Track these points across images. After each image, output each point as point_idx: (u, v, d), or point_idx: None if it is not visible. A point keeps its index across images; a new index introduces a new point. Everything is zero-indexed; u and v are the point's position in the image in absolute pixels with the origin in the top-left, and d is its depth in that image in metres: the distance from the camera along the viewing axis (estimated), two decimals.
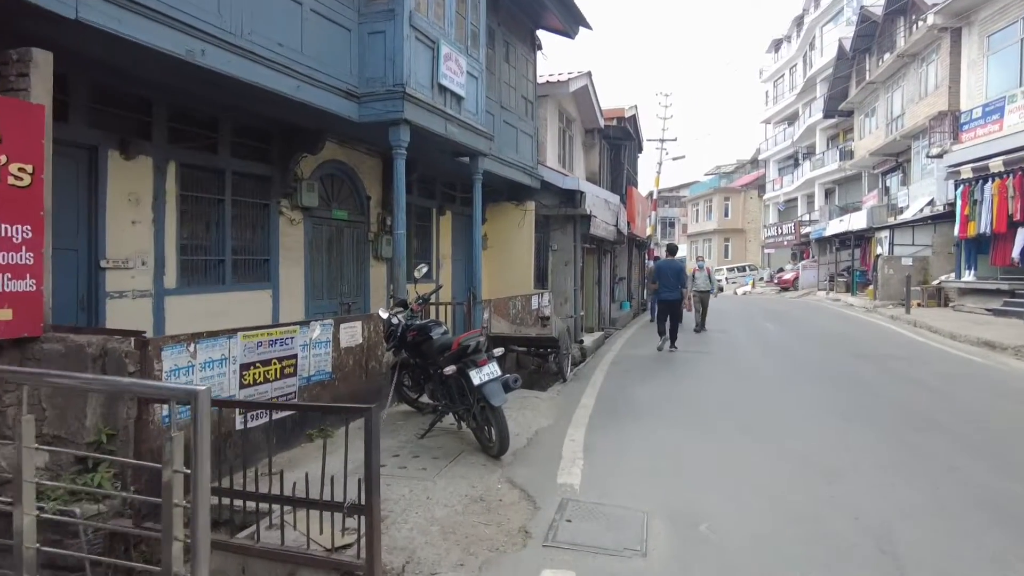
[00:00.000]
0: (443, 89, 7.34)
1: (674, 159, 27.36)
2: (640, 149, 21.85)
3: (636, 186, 19.76)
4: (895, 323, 16.25)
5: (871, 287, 21.13)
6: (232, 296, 6.62)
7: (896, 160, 26.22)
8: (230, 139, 6.68)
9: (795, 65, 43.05)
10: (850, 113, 31.10)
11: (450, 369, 4.73)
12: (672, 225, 64.53)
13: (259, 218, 7.08)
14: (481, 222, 8.62)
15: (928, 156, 19.51)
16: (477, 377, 4.65)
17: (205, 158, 6.41)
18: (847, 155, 30.90)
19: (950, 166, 18.31)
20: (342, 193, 8.46)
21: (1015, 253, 15.69)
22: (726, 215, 52.77)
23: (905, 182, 25.48)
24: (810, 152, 39.99)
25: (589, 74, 13.55)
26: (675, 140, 26.28)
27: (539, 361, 9.15)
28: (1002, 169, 16.16)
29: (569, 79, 12.84)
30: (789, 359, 10.70)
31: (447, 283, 10.77)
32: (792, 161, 44.74)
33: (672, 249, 13.04)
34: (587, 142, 15.72)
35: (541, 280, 12.31)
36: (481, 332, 5.08)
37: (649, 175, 60.27)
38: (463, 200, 11.30)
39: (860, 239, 24.21)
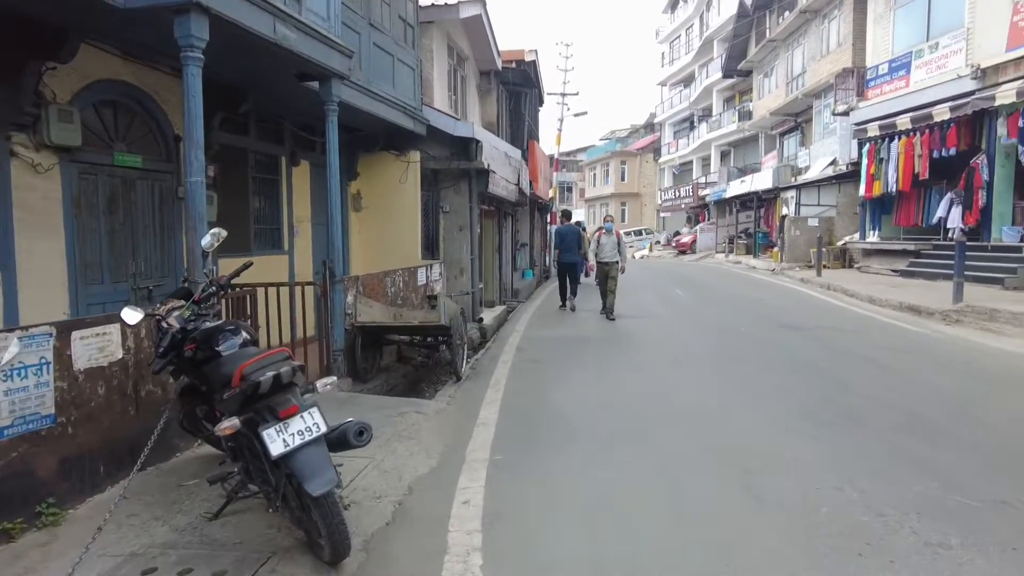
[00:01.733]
0: None
1: (576, 115, 25.68)
2: (541, 102, 19.94)
3: (538, 141, 17.87)
4: (808, 287, 15.52)
5: (776, 249, 20.61)
6: None
7: (795, 120, 25.95)
8: None
9: (691, 25, 42.54)
10: (749, 73, 30.71)
11: (228, 425, 2.58)
12: (570, 190, 63.78)
13: None
14: (339, 170, 6.34)
15: (833, 114, 18.94)
16: (277, 441, 2.54)
17: None
18: (745, 116, 30.58)
19: (856, 124, 17.76)
20: (133, 130, 5.90)
21: (934, 218, 15.24)
22: (623, 179, 52.40)
23: (804, 143, 25.26)
24: (706, 114, 39.81)
25: (483, 1, 11.34)
26: (576, 95, 24.56)
27: (428, 352, 7.10)
28: (909, 127, 15.62)
29: (459, 3, 10.58)
30: (718, 335, 9.27)
31: (306, 254, 8.42)
32: (688, 124, 44.62)
33: (567, 214, 14.28)
34: (483, 86, 13.57)
35: (431, 249, 10.20)
36: (290, 355, 2.90)
37: (550, 134, 58.90)
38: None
39: (763, 200, 23.76)
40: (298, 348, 5.97)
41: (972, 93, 13.69)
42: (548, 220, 22.52)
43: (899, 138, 16.07)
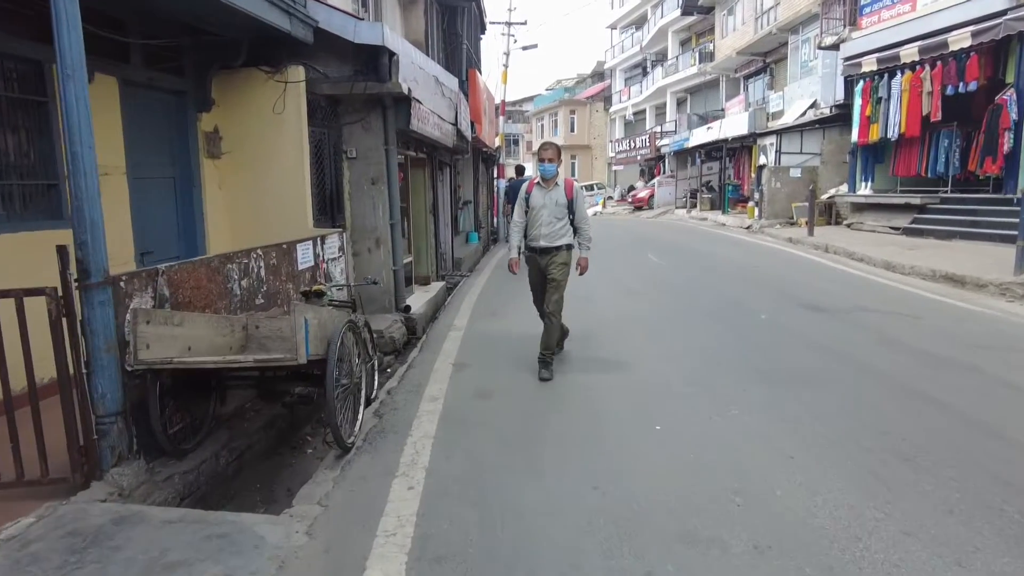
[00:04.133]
0: None
1: (525, 48, 22.16)
2: (483, 29, 16.72)
3: (479, 60, 14.73)
4: (802, 249, 13.23)
5: (751, 204, 18.32)
6: None
7: (764, 61, 23.50)
8: None
9: None
10: (710, 10, 27.99)
11: None
12: (516, 142, 60.16)
13: None
14: (85, 81, 3.29)
15: (819, 47, 16.49)
16: None
17: None
18: (707, 57, 27.96)
19: (848, 58, 15.35)
20: None
21: (941, 167, 13.06)
22: (572, 130, 49.47)
23: (774, 85, 22.89)
24: (661, 58, 37.07)
25: None
26: (524, 24, 21.08)
27: (303, 399, 4.21)
28: (917, 58, 13.28)
29: None
30: (735, 329, 6.72)
31: (121, 225, 5.31)
32: (640, 70, 41.83)
33: (520, 169, 14.04)
34: None
35: (330, 212, 7.21)
36: None
37: (493, 72, 54.28)
38: (163, 59, 5.77)
39: (732, 150, 21.37)
40: (21, 410, 3.09)
41: (1004, 13, 11.35)
42: (496, 174, 19.52)
43: (902, 72, 13.74)
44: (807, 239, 13.75)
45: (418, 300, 8.40)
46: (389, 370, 6.15)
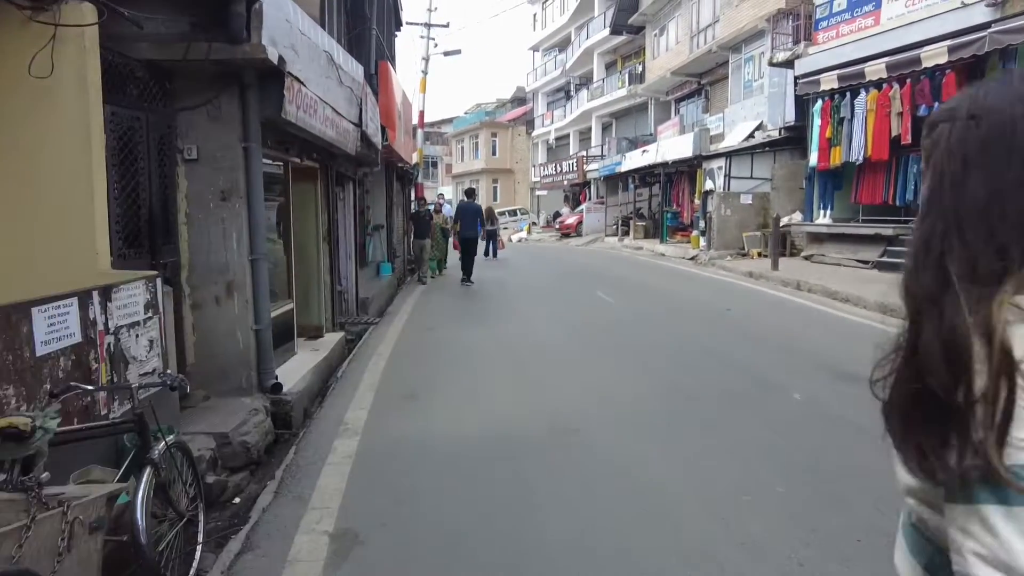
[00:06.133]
0: None
1: (446, 54, 19.74)
2: (398, 24, 14.37)
3: (394, 62, 12.26)
4: (769, 285, 11.51)
5: (694, 233, 16.73)
6: None
7: (698, 82, 22.38)
8: None
9: None
10: (639, 30, 26.90)
11: None
12: (435, 165, 57.92)
13: None
14: None
15: (772, 64, 15.18)
16: None
17: None
18: (636, 79, 26.76)
19: (803, 75, 14.06)
20: None
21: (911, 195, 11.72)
22: (494, 153, 47.73)
23: (709, 108, 21.75)
24: (585, 81, 35.95)
25: None
26: (446, 26, 18.74)
27: None
28: (884, 75, 12.02)
29: None
30: (781, 434, 4.59)
31: None
32: (563, 94, 40.68)
33: (470, 192, 15.44)
34: None
35: (148, 242, 4.54)
36: None
37: (409, 80, 50.90)
38: None
39: (670, 174, 19.89)
40: None
41: (987, 25, 10.15)
42: (413, 194, 17.03)
43: (867, 91, 12.49)
44: (771, 274, 12.09)
45: (299, 368, 5.81)
46: (238, 499, 3.62)
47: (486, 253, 17.34)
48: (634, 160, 21.73)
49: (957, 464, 0.62)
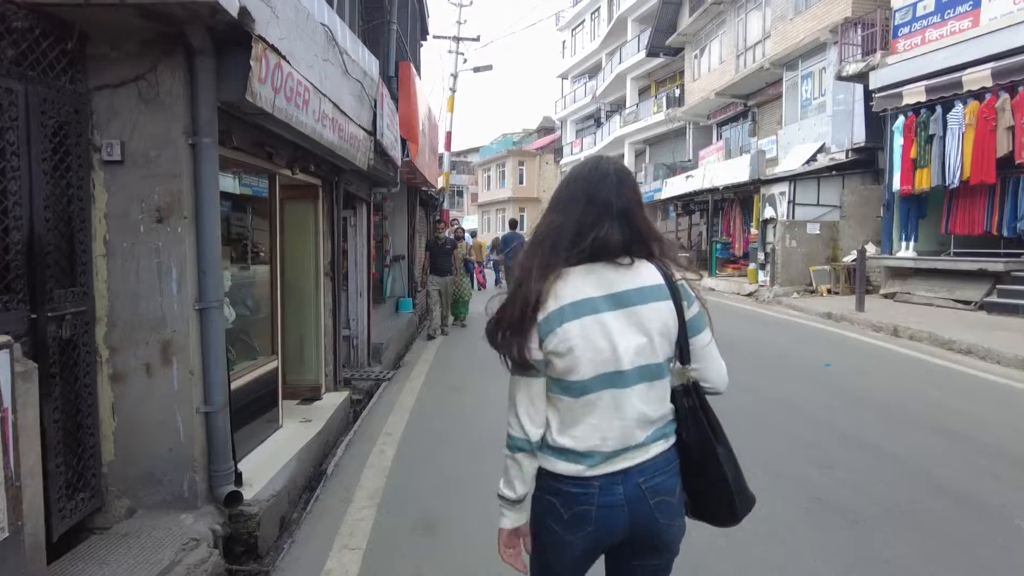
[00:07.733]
0: None
1: (476, 69, 18.39)
2: (424, 32, 13.07)
3: (419, 74, 10.82)
4: (857, 330, 9.67)
5: (751, 266, 14.95)
6: None
7: (744, 103, 20.80)
8: None
9: (598, 8, 37.25)
10: (677, 51, 25.51)
11: None
12: (461, 194, 56.89)
13: None
14: None
15: (840, 78, 13.53)
16: None
17: None
18: (674, 102, 25.27)
19: (880, 88, 12.38)
20: None
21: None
22: (520, 182, 46.50)
23: (756, 131, 20.12)
24: (616, 107, 34.62)
25: None
26: (477, 39, 17.34)
27: None
28: (989, 84, 10.30)
29: None
30: None
31: None
32: (593, 121, 39.42)
33: (514, 223, 16.03)
34: None
35: (27, 286, 2.99)
36: None
37: (436, 97, 49.60)
38: None
39: (718, 201, 18.20)
40: None
41: None
42: (439, 222, 15.56)
43: (964, 103, 10.76)
44: (855, 315, 10.25)
45: (280, 451, 4.19)
46: None
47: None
48: (676, 186, 20.08)
49: None
